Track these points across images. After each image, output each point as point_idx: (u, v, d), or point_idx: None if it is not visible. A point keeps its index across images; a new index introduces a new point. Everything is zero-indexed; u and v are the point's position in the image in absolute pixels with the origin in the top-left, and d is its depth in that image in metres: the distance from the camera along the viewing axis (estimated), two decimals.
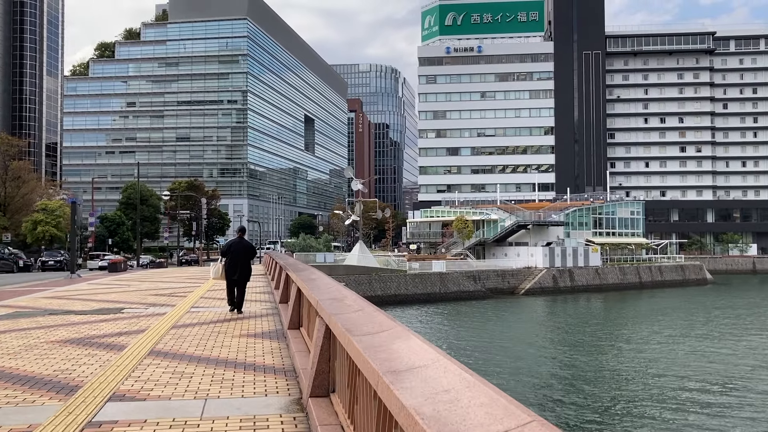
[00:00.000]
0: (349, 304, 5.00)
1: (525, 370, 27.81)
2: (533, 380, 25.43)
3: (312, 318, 7.71)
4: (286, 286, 12.75)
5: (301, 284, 8.01)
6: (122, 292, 18.16)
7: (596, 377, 26.60)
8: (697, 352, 32.55)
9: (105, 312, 12.87)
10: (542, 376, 26.24)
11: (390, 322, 4.12)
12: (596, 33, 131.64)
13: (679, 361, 30.00)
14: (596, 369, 28.45)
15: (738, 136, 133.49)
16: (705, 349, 33.38)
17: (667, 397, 22.18)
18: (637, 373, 27.07)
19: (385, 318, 4.27)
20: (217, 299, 15.91)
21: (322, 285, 6.96)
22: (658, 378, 25.81)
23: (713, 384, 24.38)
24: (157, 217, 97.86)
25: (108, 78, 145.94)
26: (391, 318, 4.24)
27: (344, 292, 5.83)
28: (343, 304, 5.14)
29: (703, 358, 30.69)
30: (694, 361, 29.70)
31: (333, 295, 5.82)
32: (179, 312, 12.82)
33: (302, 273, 9.24)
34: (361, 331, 3.92)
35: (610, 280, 75.15)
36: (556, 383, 24.88)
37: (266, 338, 9.49)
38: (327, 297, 5.73)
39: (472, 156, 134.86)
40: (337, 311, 4.79)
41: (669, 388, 23.82)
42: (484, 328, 41.92)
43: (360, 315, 4.55)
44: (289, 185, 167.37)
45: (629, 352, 32.61)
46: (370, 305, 4.89)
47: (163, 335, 9.70)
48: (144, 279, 26.42)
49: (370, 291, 56.08)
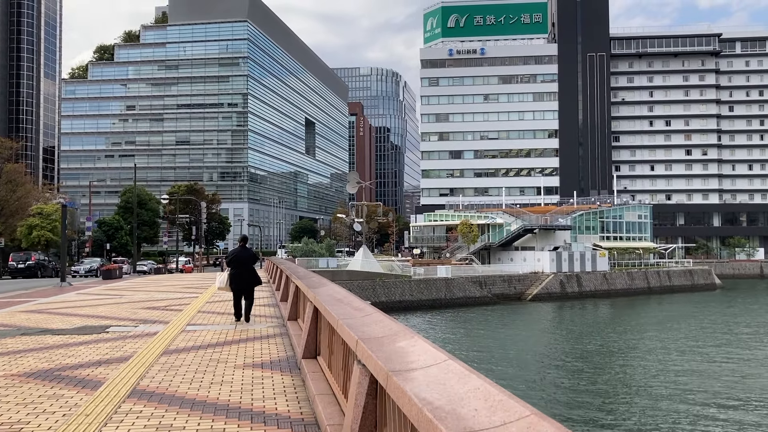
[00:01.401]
0: (413, 353, 3.33)
1: (538, 380, 26.15)
2: (547, 393, 23.74)
3: (334, 347, 6.05)
4: (296, 300, 11.10)
5: (322, 307, 6.34)
6: (112, 305, 16.43)
7: (610, 390, 24.95)
8: (714, 362, 30.87)
9: (87, 331, 11.18)
10: (556, 388, 24.56)
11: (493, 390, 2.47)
12: (600, 35, 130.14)
13: (698, 372, 28.28)
14: (610, 382, 26.79)
15: (744, 139, 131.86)
16: (723, 359, 31.69)
17: (688, 413, 20.50)
18: (654, 386, 25.41)
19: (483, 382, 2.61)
20: (217, 313, 14.23)
21: (354, 311, 5.28)
22: (678, 393, 24.12)
23: (734, 399, 22.70)
24: (156, 222, 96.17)
25: (107, 81, 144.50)
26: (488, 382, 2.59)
27: (393, 327, 4.17)
28: (402, 350, 3.47)
29: (721, 369, 28.98)
30: (712, 374, 27.99)
31: (377, 331, 4.15)
32: (173, 331, 11.14)
33: (319, 290, 7.57)
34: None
35: (618, 286, 73.66)
36: (574, 398, 23.19)
37: (276, 369, 7.79)
38: (370, 334, 4.06)
39: (475, 159, 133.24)
40: (399, 365, 3.14)
41: (688, 403, 22.14)
42: (495, 336, 40.22)
43: (438, 374, 2.89)
44: (290, 189, 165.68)
45: (644, 363, 30.89)
46: (443, 354, 3.22)
47: (151, 365, 8.02)
48: (139, 288, 24.68)
49: (374, 297, 54.57)
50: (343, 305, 5.83)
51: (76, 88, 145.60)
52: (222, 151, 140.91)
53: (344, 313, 5.25)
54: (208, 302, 16.93)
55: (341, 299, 6.30)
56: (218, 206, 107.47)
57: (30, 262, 45.59)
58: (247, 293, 12.70)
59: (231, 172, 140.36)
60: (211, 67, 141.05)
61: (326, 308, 5.86)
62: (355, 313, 5.08)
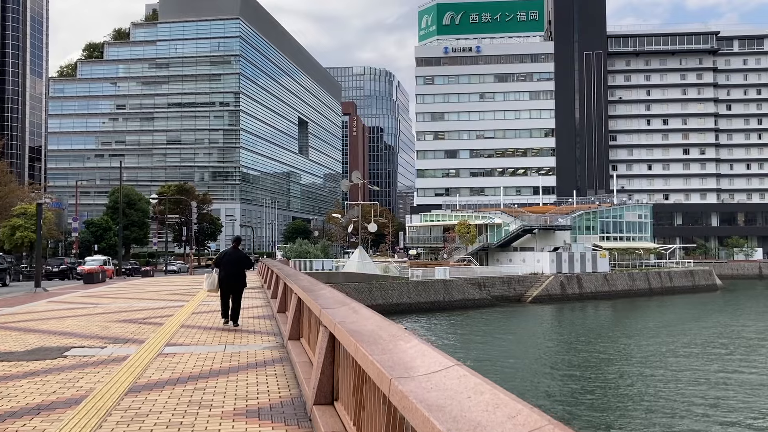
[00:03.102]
0: None
1: (545, 390, 24.21)
2: (552, 403, 21.81)
3: (365, 393, 4.07)
4: (298, 314, 9.09)
5: (350, 344, 4.30)
6: (83, 317, 14.26)
7: (620, 400, 23.06)
8: (726, 371, 29.07)
9: (40, 355, 9.07)
10: (563, 398, 22.61)
11: None
12: (597, 33, 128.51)
13: (713, 383, 26.41)
14: (618, 395, 24.89)
15: (742, 138, 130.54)
16: (736, 368, 29.90)
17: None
18: (664, 397, 23.58)
19: None
20: (203, 328, 12.17)
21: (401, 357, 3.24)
22: (691, 404, 22.31)
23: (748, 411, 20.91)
24: (146, 222, 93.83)
25: (96, 79, 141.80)
26: None
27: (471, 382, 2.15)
28: None
29: (736, 379, 27.17)
30: (722, 381, 26.17)
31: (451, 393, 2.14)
32: (148, 354, 9.07)
33: (336, 310, 5.56)
34: None
35: (620, 287, 72.13)
36: (588, 413, 21.25)
37: (278, 420, 5.71)
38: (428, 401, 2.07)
39: (471, 158, 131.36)
40: None
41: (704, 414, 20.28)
42: (497, 344, 38.27)
43: None
44: (283, 189, 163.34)
45: (654, 371, 29.05)
46: None
47: (109, 411, 5.95)
48: (120, 294, 22.50)
49: (371, 300, 52.87)
50: (383, 343, 3.83)
51: (65, 86, 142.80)
52: (213, 151, 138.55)
53: (387, 361, 3.23)
54: (195, 313, 14.83)
55: (375, 330, 4.28)
56: (209, 206, 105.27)
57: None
58: (234, 295, 12.49)
59: (223, 171, 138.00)
60: (203, 65, 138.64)
61: (359, 347, 3.84)
62: (401, 358, 3.05)
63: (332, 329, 5.18)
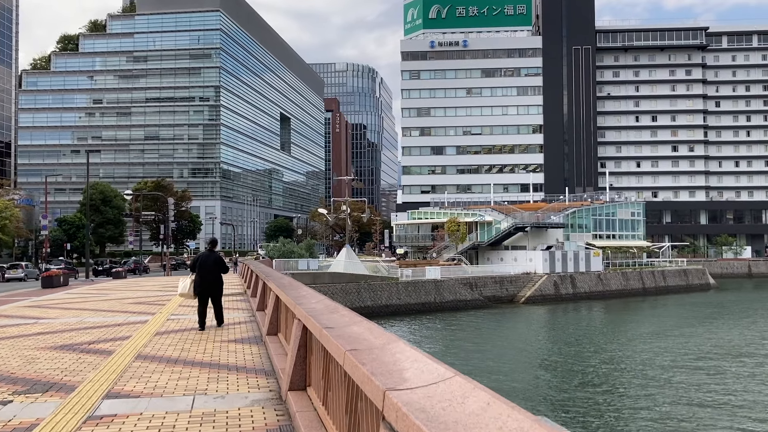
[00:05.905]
0: None
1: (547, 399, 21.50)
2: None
3: None
4: (304, 345, 6.08)
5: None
6: (8, 339, 10.89)
7: (613, 409, 20.49)
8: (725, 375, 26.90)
9: None
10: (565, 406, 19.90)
11: None
12: (586, 27, 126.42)
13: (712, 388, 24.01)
14: (618, 401, 22.38)
15: (731, 135, 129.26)
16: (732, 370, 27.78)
17: None
18: (662, 401, 21.47)
19: None
20: (167, 361, 8.94)
21: None
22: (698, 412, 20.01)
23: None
24: (121, 220, 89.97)
25: (72, 72, 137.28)
26: None
27: None
28: None
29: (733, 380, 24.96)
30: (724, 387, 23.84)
31: None
32: (69, 421, 5.96)
33: (360, 355, 2.67)
34: None
35: (613, 287, 69.95)
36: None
37: None
38: None
39: (458, 155, 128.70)
40: None
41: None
42: (495, 351, 35.50)
43: None
44: (265, 186, 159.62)
45: (651, 378, 26.63)
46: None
47: None
48: (74, 304, 19.15)
49: (359, 301, 50.08)
50: None
51: (38, 79, 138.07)
52: (193, 147, 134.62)
53: None
54: (159, 333, 11.67)
55: None
56: (189, 204, 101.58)
57: None
58: (212, 298, 12.49)
59: (202, 168, 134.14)
60: (182, 58, 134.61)
61: None
62: None
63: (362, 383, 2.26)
